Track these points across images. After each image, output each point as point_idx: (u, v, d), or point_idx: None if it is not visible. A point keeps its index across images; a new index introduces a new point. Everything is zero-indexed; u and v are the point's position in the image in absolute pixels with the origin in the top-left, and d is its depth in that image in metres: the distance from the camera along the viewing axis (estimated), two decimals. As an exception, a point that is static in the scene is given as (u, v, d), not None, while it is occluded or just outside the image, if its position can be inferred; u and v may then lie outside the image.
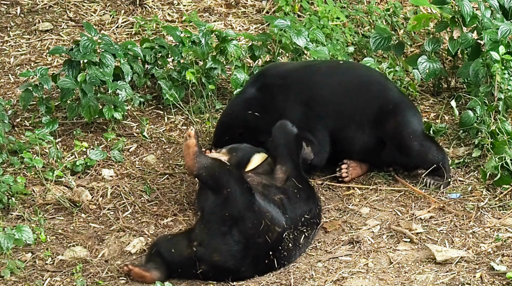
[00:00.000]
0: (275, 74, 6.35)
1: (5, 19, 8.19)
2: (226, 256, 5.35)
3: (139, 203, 6.19)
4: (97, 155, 6.49)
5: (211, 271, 5.39)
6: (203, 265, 5.36)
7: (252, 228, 5.35)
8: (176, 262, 5.42)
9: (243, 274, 5.42)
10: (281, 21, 6.96)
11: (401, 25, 7.84)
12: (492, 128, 6.35)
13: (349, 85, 6.24)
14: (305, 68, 6.38)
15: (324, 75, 6.27)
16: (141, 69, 7.01)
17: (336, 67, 6.37)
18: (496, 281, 5.33)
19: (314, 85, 6.24)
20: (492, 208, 6.02)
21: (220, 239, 5.33)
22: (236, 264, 5.37)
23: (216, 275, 5.42)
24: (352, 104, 6.19)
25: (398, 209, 6.08)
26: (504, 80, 6.50)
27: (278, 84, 6.26)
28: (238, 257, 5.35)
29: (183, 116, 6.98)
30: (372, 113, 6.18)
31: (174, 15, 8.23)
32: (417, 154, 6.16)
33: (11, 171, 6.35)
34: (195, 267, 5.37)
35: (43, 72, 6.74)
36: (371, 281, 5.42)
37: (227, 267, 5.37)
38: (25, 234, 5.52)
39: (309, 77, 6.26)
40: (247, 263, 5.39)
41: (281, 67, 6.47)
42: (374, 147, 6.22)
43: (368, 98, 6.21)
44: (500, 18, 6.96)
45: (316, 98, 6.19)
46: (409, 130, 6.17)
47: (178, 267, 5.42)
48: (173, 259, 5.42)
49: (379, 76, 6.45)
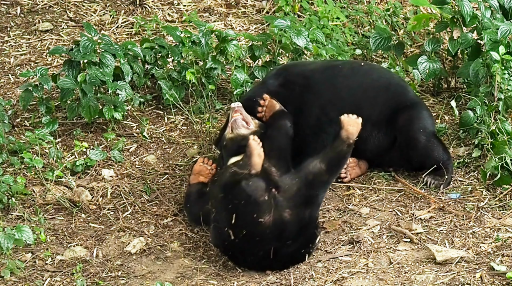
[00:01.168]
0: (299, 73, 6.34)
1: (5, 19, 8.19)
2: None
3: (139, 203, 6.19)
4: (97, 155, 6.49)
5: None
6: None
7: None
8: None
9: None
10: (281, 21, 6.96)
11: (401, 25, 7.84)
12: (492, 129, 6.34)
13: (368, 87, 6.28)
14: (328, 69, 6.38)
15: (345, 77, 6.29)
16: (141, 69, 7.01)
17: (357, 69, 6.37)
18: (496, 281, 5.33)
19: (335, 87, 6.26)
20: (492, 208, 6.02)
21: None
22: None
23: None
24: (370, 105, 6.24)
25: (398, 209, 6.08)
26: (504, 80, 6.50)
27: (301, 84, 6.27)
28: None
29: (183, 117, 6.98)
30: (389, 113, 6.25)
31: (174, 15, 8.23)
32: (423, 147, 6.19)
33: (11, 171, 6.35)
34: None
35: (43, 72, 6.74)
36: (371, 281, 5.42)
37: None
38: (25, 234, 5.52)
39: (331, 79, 6.28)
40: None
41: (305, 67, 6.46)
42: (388, 146, 6.25)
43: (387, 100, 6.27)
44: (500, 18, 6.96)
45: (335, 102, 6.22)
46: (420, 125, 6.23)
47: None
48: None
49: (398, 79, 6.52)
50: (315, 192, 5.60)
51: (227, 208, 5.48)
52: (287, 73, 6.37)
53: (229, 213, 5.45)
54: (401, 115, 6.23)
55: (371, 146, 6.25)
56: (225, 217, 5.48)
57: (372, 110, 6.22)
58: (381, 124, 6.23)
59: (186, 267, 5.65)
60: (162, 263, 5.70)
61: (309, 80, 6.28)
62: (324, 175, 5.62)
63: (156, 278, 5.55)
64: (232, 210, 5.45)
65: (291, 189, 5.56)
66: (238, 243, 5.46)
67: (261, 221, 5.42)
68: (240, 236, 5.43)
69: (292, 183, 5.58)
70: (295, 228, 5.50)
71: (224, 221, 5.48)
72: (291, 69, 6.44)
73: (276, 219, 5.45)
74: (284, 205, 5.50)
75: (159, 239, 5.88)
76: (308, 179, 5.59)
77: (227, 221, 5.46)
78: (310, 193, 5.57)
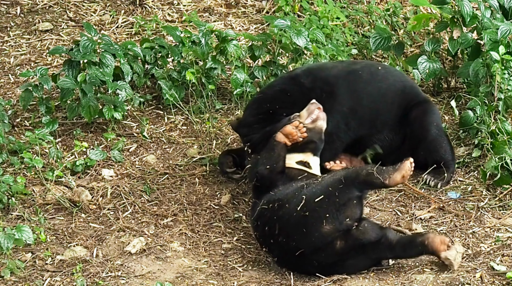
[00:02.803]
0: (324, 78, 6.29)
1: (5, 19, 8.19)
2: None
3: (139, 203, 6.19)
4: (97, 155, 6.49)
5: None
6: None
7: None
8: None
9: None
10: (281, 21, 6.96)
11: (401, 25, 7.84)
12: (492, 128, 6.35)
13: (386, 92, 6.30)
14: (349, 75, 6.35)
15: (365, 83, 6.29)
16: (141, 69, 7.01)
17: (376, 74, 6.37)
18: (496, 281, 5.33)
19: (357, 94, 6.26)
20: (492, 208, 6.02)
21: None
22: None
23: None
24: (387, 111, 6.29)
25: (398, 209, 6.08)
26: (504, 80, 6.50)
27: (326, 90, 6.23)
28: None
29: (183, 116, 6.98)
30: (401, 114, 6.30)
31: (174, 15, 8.22)
32: (433, 140, 6.25)
33: (11, 171, 6.35)
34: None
35: (43, 72, 6.74)
36: (371, 281, 5.41)
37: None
38: (25, 234, 5.52)
39: (353, 85, 6.28)
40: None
41: (328, 71, 6.39)
42: (398, 145, 6.32)
43: (402, 102, 6.32)
44: (500, 18, 6.96)
45: (356, 109, 6.24)
46: (433, 118, 6.31)
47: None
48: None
49: (411, 81, 6.58)
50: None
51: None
52: (314, 76, 6.31)
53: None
54: (414, 109, 6.29)
55: (384, 148, 6.27)
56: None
57: (389, 114, 6.27)
58: (395, 127, 6.27)
59: (186, 267, 5.65)
60: (162, 263, 5.70)
61: (333, 87, 6.25)
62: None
63: (156, 278, 5.55)
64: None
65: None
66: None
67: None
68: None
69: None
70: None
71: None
72: (317, 72, 6.37)
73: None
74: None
75: (159, 239, 5.88)
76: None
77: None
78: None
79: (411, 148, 6.27)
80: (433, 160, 6.23)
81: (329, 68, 6.41)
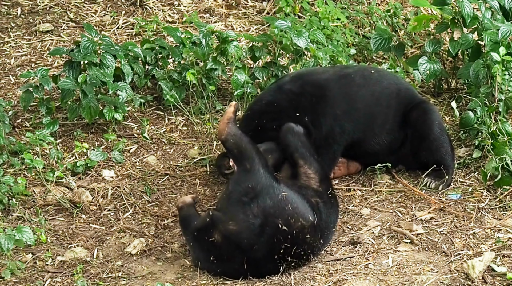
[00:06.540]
0: (314, 82, 6.28)
1: (5, 20, 8.20)
2: (241, 226, 5.32)
3: (139, 204, 6.20)
4: (98, 155, 6.49)
5: (224, 243, 5.36)
6: (217, 232, 5.36)
7: (272, 208, 5.35)
8: (195, 225, 5.52)
9: (255, 255, 5.35)
10: (281, 22, 6.96)
11: (402, 26, 7.84)
12: (493, 129, 6.35)
13: (380, 96, 6.29)
14: (341, 78, 6.34)
15: (358, 86, 6.28)
16: (142, 70, 7.01)
17: (369, 77, 6.36)
18: (496, 282, 5.33)
19: (350, 97, 6.24)
20: (493, 209, 6.02)
21: (239, 207, 5.34)
22: (250, 238, 5.32)
23: (227, 248, 5.36)
24: (383, 114, 6.28)
25: (399, 210, 6.09)
26: (504, 81, 6.51)
27: (316, 94, 6.22)
28: (253, 231, 5.32)
29: (184, 117, 6.98)
30: (400, 118, 6.29)
31: (175, 16, 8.23)
32: (435, 139, 6.24)
33: (12, 171, 6.35)
34: (209, 233, 5.38)
35: (43, 73, 6.75)
36: (372, 282, 5.42)
37: (240, 239, 5.32)
38: (26, 235, 5.52)
39: (345, 89, 6.26)
40: (261, 242, 5.33)
41: (319, 75, 6.36)
42: (397, 147, 6.31)
43: (398, 105, 6.30)
44: (500, 19, 6.96)
45: (350, 112, 6.22)
46: (435, 118, 6.30)
47: (195, 230, 5.48)
48: (194, 219, 5.57)
49: (405, 83, 6.56)
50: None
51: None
52: (302, 81, 6.32)
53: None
54: (414, 111, 6.28)
55: (382, 151, 6.27)
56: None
57: (386, 118, 6.26)
58: (394, 130, 6.26)
59: (187, 268, 5.65)
60: (163, 264, 5.70)
61: (324, 90, 6.24)
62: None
63: (157, 279, 5.55)
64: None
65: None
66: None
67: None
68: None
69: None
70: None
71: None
72: (306, 77, 6.37)
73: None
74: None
75: (160, 239, 5.89)
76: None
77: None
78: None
79: (412, 148, 6.28)
80: (433, 160, 6.23)
81: (320, 73, 6.41)
